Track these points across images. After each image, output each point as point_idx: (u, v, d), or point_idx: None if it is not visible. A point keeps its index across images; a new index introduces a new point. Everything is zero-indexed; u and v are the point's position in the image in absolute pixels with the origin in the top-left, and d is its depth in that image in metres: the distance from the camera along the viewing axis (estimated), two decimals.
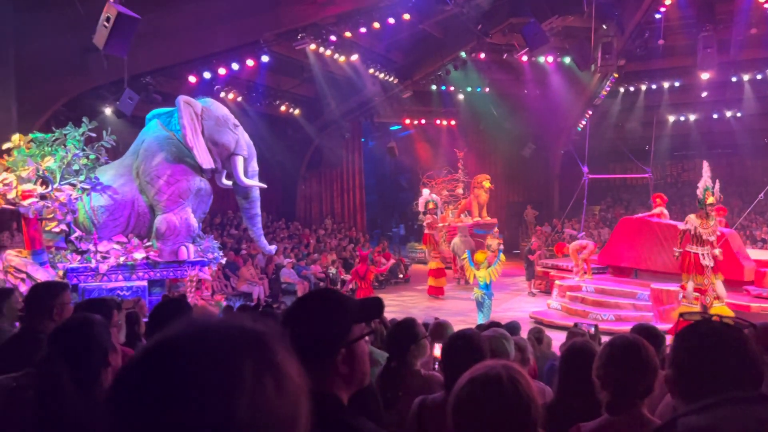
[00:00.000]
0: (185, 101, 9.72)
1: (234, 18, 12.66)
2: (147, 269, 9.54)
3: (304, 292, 14.22)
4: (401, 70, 18.28)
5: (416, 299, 15.69)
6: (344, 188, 22.04)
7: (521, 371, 1.48)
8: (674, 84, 21.03)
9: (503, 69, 20.27)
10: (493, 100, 21.97)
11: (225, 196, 14.91)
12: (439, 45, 17.71)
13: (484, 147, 24.21)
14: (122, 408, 0.67)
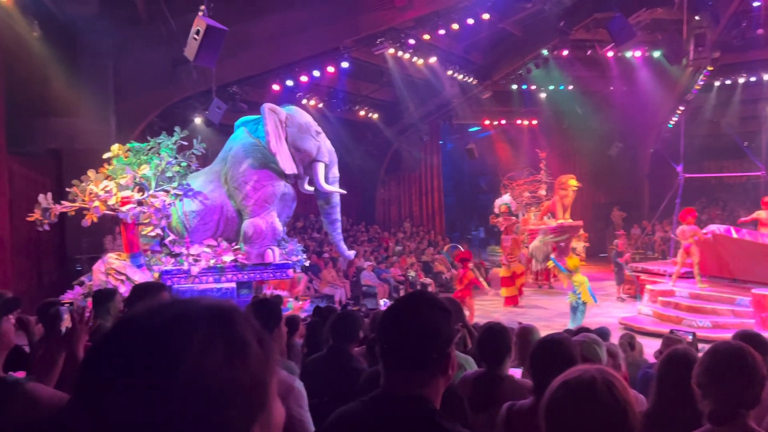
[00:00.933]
0: (270, 109, 10.03)
1: (315, 26, 12.96)
2: (235, 271, 9.90)
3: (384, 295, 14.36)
4: (480, 70, 18.08)
5: (497, 304, 15.43)
6: (423, 191, 22.05)
7: (617, 376, 1.41)
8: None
9: (587, 66, 19.62)
10: (576, 98, 21.31)
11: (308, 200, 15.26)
12: (520, 44, 17.38)
13: (568, 147, 23.50)
14: (88, 372, 0.78)
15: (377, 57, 14.75)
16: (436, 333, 1.62)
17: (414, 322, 1.62)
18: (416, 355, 1.60)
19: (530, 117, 22.66)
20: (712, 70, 19.17)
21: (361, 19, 13.47)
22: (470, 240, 25.05)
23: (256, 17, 12.62)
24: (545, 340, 2.72)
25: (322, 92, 16.23)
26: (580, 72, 19.85)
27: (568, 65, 19.30)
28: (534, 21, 15.94)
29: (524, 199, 21.27)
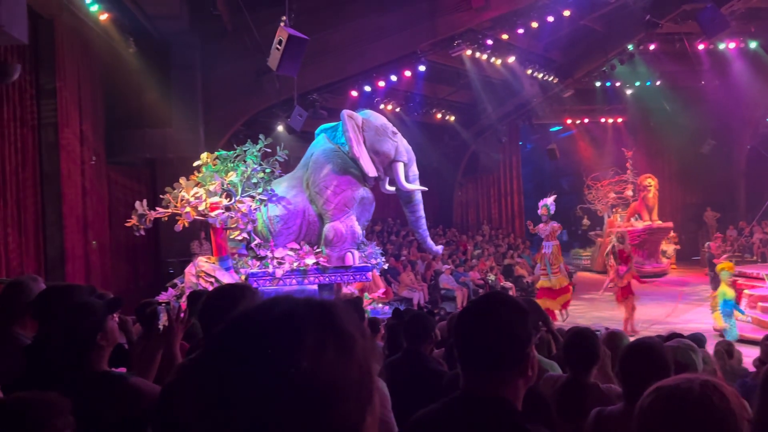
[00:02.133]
0: (348, 115, 10.19)
1: (392, 31, 13.08)
2: (317, 274, 10.11)
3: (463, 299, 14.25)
4: (561, 68, 17.63)
5: (582, 308, 14.96)
6: (501, 193, 21.72)
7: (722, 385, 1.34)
8: None
9: (676, 60, 18.70)
10: (665, 94, 20.36)
11: (386, 204, 15.39)
12: (603, 39, 16.81)
13: (656, 145, 22.48)
14: (209, 363, 0.82)
15: (454, 59, 14.70)
16: (513, 333, 1.61)
17: (491, 322, 1.62)
18: (494, 355, 1.60)
19: (615, 115, 21.86)
20: None
21: (438, 22, 13.47)
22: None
23: (334, 25, 12.89)
24: (636, 345, 2.62)
25: (399, 96, 16.34)
26: (668, 67, 18.96)
27: (656, 60, 18.49)
28: (617, 16, 15.40)
29: (610, 200, 20.56)
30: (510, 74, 16.45)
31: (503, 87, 17.38)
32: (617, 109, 21.47)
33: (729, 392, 1.32)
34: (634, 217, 20.10)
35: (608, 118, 21.91)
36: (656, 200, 19.91)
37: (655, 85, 20.00)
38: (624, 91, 20.73)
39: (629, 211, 20.13)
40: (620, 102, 21.15)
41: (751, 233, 20.27)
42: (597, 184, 20.52)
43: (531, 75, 16.78)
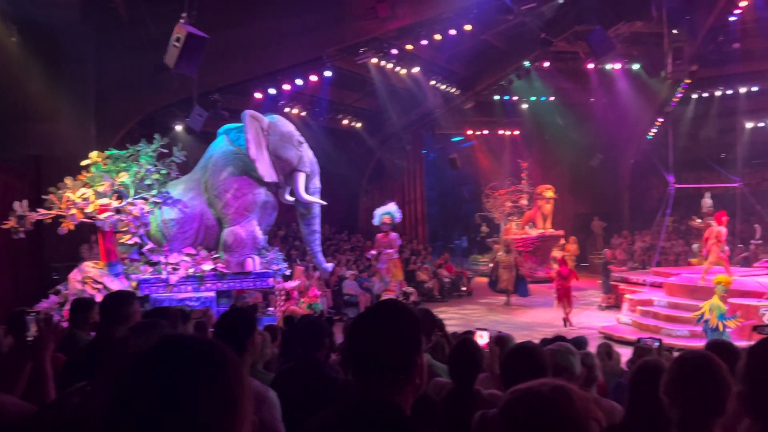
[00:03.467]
0: (251, 116, 10.01)
1: (298, 35, 12.97)
2: (215, 280, 9.83)
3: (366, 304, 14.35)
4: (463, 81, 18.21)
5: (479, 312, 15.47)
6: (406, 200, 22.08)
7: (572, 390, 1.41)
8: (751, 89, 20.00)
9: (568, 77, 19.85)
10: (558, 110, 21.54)
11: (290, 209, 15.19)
12: (502, 55, 17.55)
13: (549, 157, 23.71)
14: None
15: (360, 66, 14.81)
16: (404, 340, 1.63)
17: (382, 329, 1.63)
18: (385, 362, 1.61)
19: (512, 127, 22.85)
20: (690, 83, 19.50)
21: (345, 29, 13.52)
22: (452, 249, 25.13)
23: (239, 25, 12.61)
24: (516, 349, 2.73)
25: (304, 100, 16.23)
26: (561, 83, 20.08)
27: (550, 77, 19.51)
28: (516, 33, 16.12)
29: (506, 209, 21.43)
30: (414, 84, 16.78)
31: (408, 96, 17.70)
32: (514, 122, 22.46)
33: (578, 396, 1.39)
34: (529, 225, 21.07)
35: (506, 130, 22.87)
36: (551, 209, 20.99)
37: (549, 101, 21.10)
38: (521, 106, 21.71)
39: (524, 219, 21.08)
40: (517, 115, 22.13)
41: (633, 241, 21.82)
42: (494, 193, 21.34)
43: (434, 86, 17.22)
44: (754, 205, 17.25)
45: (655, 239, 18.12)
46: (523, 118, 22.38)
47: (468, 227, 25.63)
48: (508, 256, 15.58)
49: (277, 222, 14.70)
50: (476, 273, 21.35)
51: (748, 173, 24.10)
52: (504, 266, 15.61)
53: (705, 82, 20.09)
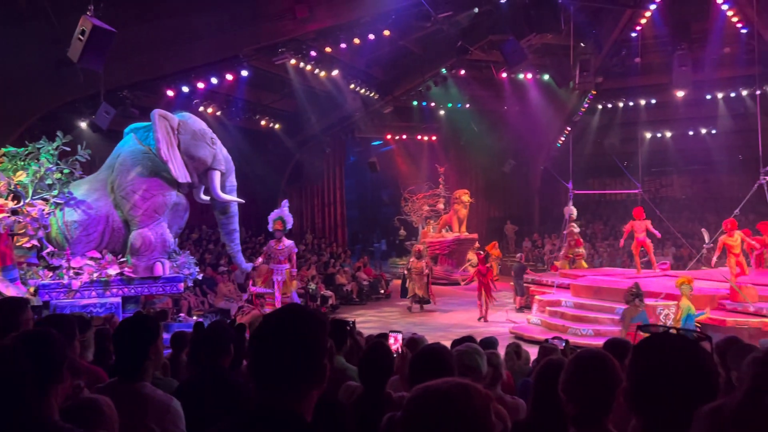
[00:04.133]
0: (160, 115, 9.64)
1: (213, 33, 12.64)
2: (121, 285, 9.38)
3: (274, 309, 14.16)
4: (382, 85, 18.37)
5: (397, 315, 15.61)
6: (325, 203, 22.01)
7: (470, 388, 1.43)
8: (651, 101, 21.36)
9: (483, 85, 20.46)
10: (473, 116, 22.16)
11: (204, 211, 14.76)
12: (420, 61, 17.85)
13: (465, 163, 24.36)
14: None
15: (278, 67, 14.62)
16: (309, 345, 1.61)
17: (286, 335, 1.60)
18: (289, 367, 1.58)
19: (430, 133, 23.29)
20: (595, 94, 20.60)
21: (262, 28, 13.30)
22: (372, 252, 25.26)
23: (150, 20, 12.13)
24: (423, 351, 2.76)
25: (220, 100, 15.83)
26: (476, 91, 20.67)
27: (466, 84, 20.03)
28: (433, 40, 16.44)
29: (424, 213, 21.79)
30: (333, 87, 16.75)
31: (327, 99, 17.65)
32: (432, 127, 22.91)
33: (477, 394, 1.41)
34: (445, 228, 21.50)
35: (424, 135, 23.28)
36: (467, 213, 21.51)
37: (465, 108, 21.67)
38: (438, 112, 22.17)
39: (441, 222, 21.50)
40: (435, 121, 22.59)
41: (543, 244, 22.74)
42: (413, 197, 21.65)
43: (354, 89, 17.25)
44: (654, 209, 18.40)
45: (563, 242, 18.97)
46: (441, 124, 22.87)
47: (387, 230, 25.85)
48: (419, 262, 15.76)
49: (190, 224, 14.28)
50: (395, 276, 21.54)
51: (647, 180, 25.74)
52: (416, 273, 15.70)
53: (609, 94, 21.28)
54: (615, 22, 18.31)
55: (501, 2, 13.86)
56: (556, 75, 18.19)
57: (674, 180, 26.50)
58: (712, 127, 22.59)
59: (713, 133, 22.86)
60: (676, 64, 17.24)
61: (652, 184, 26.24)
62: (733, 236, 12.12)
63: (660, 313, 11.18)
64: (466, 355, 3.18)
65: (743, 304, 11.13)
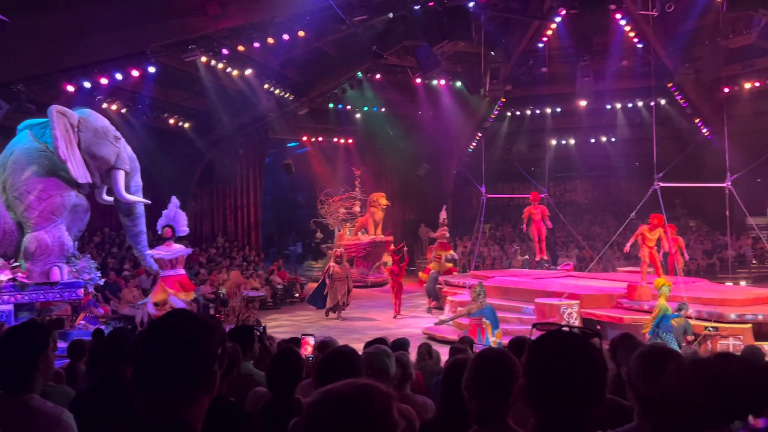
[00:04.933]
0: (59, 111, 9.09)
1: (118, 26, 12.08)
2: (13, 292, 8.75)
3: None
4: (297, 86, 18.19)
5: (311, 318, 15.48)
6: (238, 205, 21.50)
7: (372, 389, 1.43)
8: (556, 109, 22.39)
9: (398, 90, 20.72)
10: (388, 120, 22.38)
11: (107, 212, 14.08)
12: (336, 63, 17.83)
13: (381, 166, 24.57)
14: None
15: (188, 64, 14.16)
16: (198, 351, 1.55)
17: (174, 341, 1.54)
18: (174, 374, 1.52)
19: (346, 136, 23.32)
20: (505, 101, 21.37)
21: (171, 24, 12.85)
22: (287, 255, 24.95)
23: (49, 11, 11.44)
24: (330, 354, 2.75)
25: (125, 97, 15.13)
26: (391, 95, 20.89)
27: (381, 88, 20.21)
28: (349, 43, 16.48)
29: (340, 215, 21.76)
30: (247, 86, 16.42)
31: (240, 98, 17.27)
32: (348, 130, 22.94)
33: (378, 394, 1.41)
34: (361, 231, 21.58)
35: (340, 138, 23.28)
36: (383, 216, 21.67)
37: (381, 111, 21.85)
38: (354, 115, 22.23)
39: (357, 225, 21.55)
40: (351, 124, 22.63)
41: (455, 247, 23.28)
42: (329, 200, 21.58)
43: (268, 90, 16.98)
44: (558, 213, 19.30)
45: (475, 245, 19.53)
46: (357, 127, 22.94)
47: (303, 233, 25.63)
48: (341, 267, 15.30)
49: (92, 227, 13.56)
50: (310, 279, 21.38)
51: (553, 185, 26.96)
52: (338, 278, 15.15)
53: (517, 102, 22.13)
54: (523, 33, 19.09)
55: (415, 9, 14.09)
56: (467, 82, 18.71)
57: (577, 185, 27.91)
58: (612, 136, 23.96)
59: (612, 141, 24.24)
60: (579, 75, 18.21)
61: (557, 188, 27.50)
62: (653, 231, 12.74)
63: (563, 312, 11.70)
64: (375, 357, 3.20)
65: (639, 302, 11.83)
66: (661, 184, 13.85)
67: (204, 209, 20.96)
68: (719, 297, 11.78)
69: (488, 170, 21.66)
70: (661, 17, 15.82)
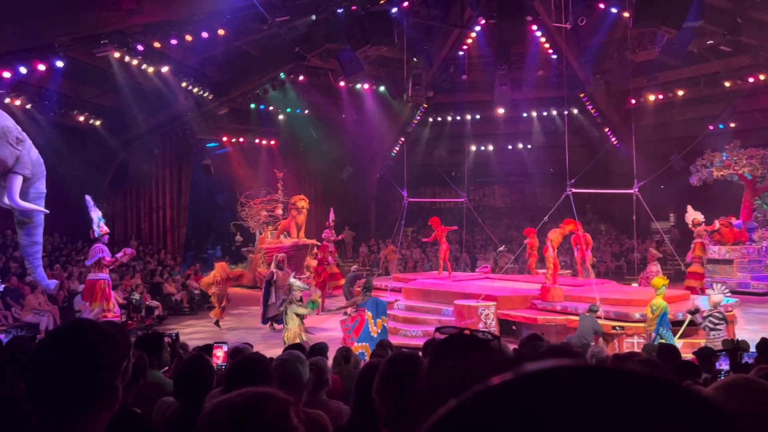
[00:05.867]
0: None
1: (22, 16, 11.38)
2: None
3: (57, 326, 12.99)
4: (217, 86, 17.74)
5: (230, 323, 15.11)
6: (153, 207, 20.71)
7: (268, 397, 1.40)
8: (476, 116, 22.99)
9: (322, 92, 20.64)
10: (312, 123, 22.23)
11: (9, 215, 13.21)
12: (257, 64, 17.54)
13: (304, 168, 24.36)
14: None
15: (100, 59, 13.53)
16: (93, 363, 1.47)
17: (73, 354, 1.45)
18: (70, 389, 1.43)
19: (269, 137, 22.95)
20: (427, 107, 21.73)
21: (82, 17, 12.26)
22: (206, 259, 24.23)
23: None
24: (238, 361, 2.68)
25: (30, 92, 14.26)
26: (315, 98, 20.79)
27: (305, 90, 20.07)
28: (271, 43, 16.25)
29: (261, 218, 21.38)
30: (163, 84, 15.86)
31: (156, 96, 16.64)
32: (270, 131, 22.59)
33: (275, 402, 1.39)
34: (284, 234, 21.29)
35: (262, 139, 22.89)
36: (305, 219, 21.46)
37: (304, 113, 21.68)
38: (277, 116, 21.94)
39: (279, 228, 21.24)
40: (273, 125, 22.30)
41: (378, 249, 23.43)
42: (250, 202, 21.17)
43: (186, 88, 16.48)
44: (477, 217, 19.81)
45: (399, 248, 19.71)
46: (279, 129, 22.65)
47: (222, 236, 24.99)
48: (283, 273, 14.61)
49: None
50: None
51: (472, 190, 27.63)
52: (282, 285, 14.42)
53: (439, 108, 22.57)
54: (444, 40, 19.48)
55: (338, 12, 14.08)
56: (390, 87, 18.89)
57: (496, 190, 28.75)
58: (528, 143, 24.85)
59: (529, 148, 25.15)
60: (498, 84, 18.78)
61: (476, 193, 28.23)
62: (565, 234, 13.56)
63: (481, 314, 11.99)
64: (286, 363, 3.15)
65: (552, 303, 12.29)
66: (573, 190, 14.46)
67: (117, 211, 20.04)
68: (625, 297, 12.45)
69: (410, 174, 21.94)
70: (573, 30, 16.59)
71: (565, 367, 0.52)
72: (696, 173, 18.84)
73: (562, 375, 0.51)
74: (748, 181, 18.59)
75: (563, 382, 0.50)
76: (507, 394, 0.51)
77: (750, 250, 18.03)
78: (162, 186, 20.87)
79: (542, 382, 0.51)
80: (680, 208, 22.49)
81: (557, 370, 0.51)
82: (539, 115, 22.88)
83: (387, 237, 22.36)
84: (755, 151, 18.01)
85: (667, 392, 0.49)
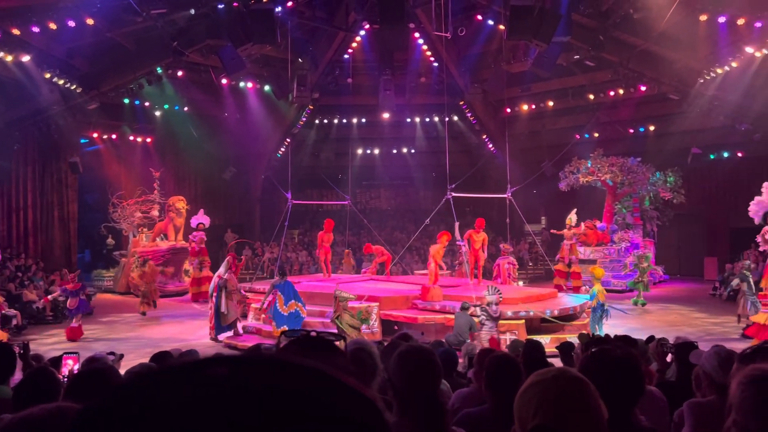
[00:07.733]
0: None
1: None
2: None
3: None
4: (86, 78, 16.51)
5: (99, 332, 14.18)
6: (12, 208, 18.93)
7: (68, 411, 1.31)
8: (362, 120, 23.22)
9: (203, 89, 19.92)
10: (192, 120, 21.35)
11: None
12: (131, 57, 16.56)
13: (184, 168, 23.37)
14: None
15: None
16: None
17: None
18: None
19: (144, 134, 21.75)
20: (313, 109, 21.64)
21: None
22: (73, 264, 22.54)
23: None
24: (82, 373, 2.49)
25: None
26: (195, 95, 20.02)
27: (184, 87, 19.27)
28: (147, 36, 15.44)
29: (136, 220, 20.27)
30: (24, 75, 14.58)
31: (15, 87, 15.26)
32: (146, 128, 21.41)
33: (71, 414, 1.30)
34: (160, 237, 20.33)
35: (137, 136, 21.65)
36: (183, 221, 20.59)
37: (183, 111, 20.81)
38: (154, 112, 20.88)
39: (155, 231, 20.25)
40: (149, 122, 21.18)
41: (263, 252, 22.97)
42: (123, 203, 20.01)
43: (50, 80, 15.23)
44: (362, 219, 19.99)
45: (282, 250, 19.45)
46: (156, 126, 21.54)
47: (92, 239, 23.39)
48: (231, 275, 13.33)
49: None
50: (100, 289, 19.65)
51: (359, 192, 27.87)
52: (233, 289, 13.20)
53: (325, 110, 22.56)
54: (329, 43, 19.51)
55: (218, 7, 13.65)
56: (275, 87, 18.61)
57: (381, 193, 29.16)
58: (412, 147, 25.46)
59: (412, 152, 25.77)
60: (382, 88, 19.07)
61: (362, 195, 28.48)
62: (479, 234, 14.81)
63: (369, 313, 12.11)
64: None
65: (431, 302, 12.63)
66: (453, 194, 14.99)
67: None
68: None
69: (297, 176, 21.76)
70: (453, 39, 17.19)
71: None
72: (564, 179, 20.19)
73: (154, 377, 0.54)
74: (609, 186, 20.19)
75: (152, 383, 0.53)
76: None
77: (611, 251, 19.61)
78: (23, 185, 19.14)
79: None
80: (551, 212, 24.07)
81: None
82: (422, 120, 23.53)
83: (273, 240, 21.98)
84: (616, 159, 19.62)
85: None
